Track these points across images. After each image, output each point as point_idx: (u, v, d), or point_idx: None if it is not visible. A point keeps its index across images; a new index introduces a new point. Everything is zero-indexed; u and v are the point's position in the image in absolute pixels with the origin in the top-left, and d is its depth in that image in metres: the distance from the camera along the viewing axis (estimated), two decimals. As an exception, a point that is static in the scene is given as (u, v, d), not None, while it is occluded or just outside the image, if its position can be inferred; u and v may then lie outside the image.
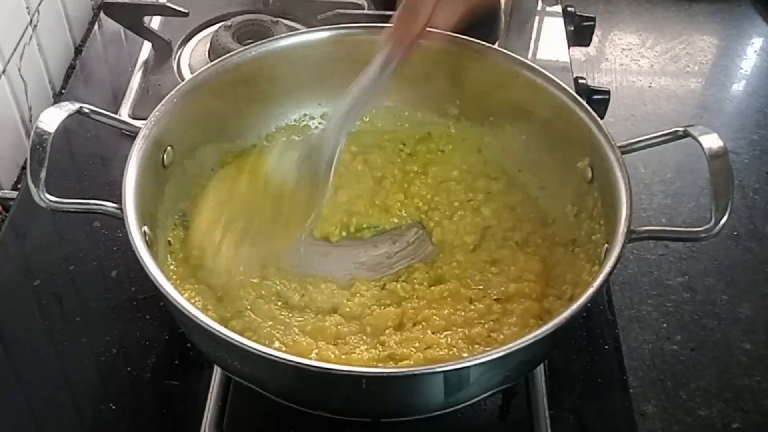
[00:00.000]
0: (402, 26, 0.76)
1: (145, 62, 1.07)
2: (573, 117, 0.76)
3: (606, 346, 0.79)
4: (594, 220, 0.74)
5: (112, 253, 0.84)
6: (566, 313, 0.59)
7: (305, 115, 0.89)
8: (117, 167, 0.69)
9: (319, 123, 0.89)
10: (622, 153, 0.71)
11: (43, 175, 0.65)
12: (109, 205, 0.67)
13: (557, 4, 1.22)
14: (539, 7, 1.23)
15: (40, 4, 1.07)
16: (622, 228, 0.65)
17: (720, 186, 0.65)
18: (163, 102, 0.74)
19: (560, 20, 1.19)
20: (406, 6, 0.76)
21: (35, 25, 1.06)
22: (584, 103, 0.77)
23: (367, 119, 0.90)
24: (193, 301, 0.71)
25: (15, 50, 1.01)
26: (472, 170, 0.87)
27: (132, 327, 0.78)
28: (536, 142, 0.83)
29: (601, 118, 1.03)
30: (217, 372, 0.73)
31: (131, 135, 0.72)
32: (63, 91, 1.11)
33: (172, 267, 0.75)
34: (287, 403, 0.65)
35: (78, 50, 1.18)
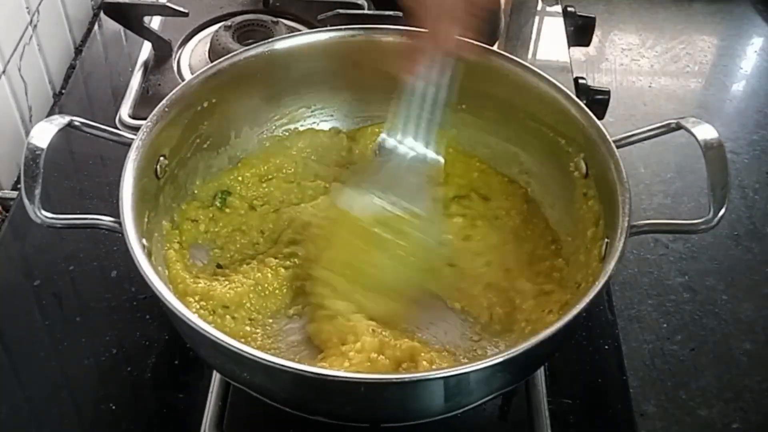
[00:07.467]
0: (435, 34, 0.70)
1: (145, 62, 1.07)
2: (565, 113, 0.76)
3: (606, 346, 0.79)
4: (590, 215, 0.74)
5: (112, 253, 0.84)
6: (575, 309, 0.59)
7: (304, 115, 0.89)
8: (116, 167, 0.68)
9: (321, 127, 0.89)
10: (617, 147, 0.71)
11: (38, 191, 0.64)
12: (106, 219, 0.66)
13: (557, 4, 1.23)
14: (539, 7, 1.23)
15: (40, 4, 1.07)
16: (622, 221, 0.64)
17: (716, 176, 0.65)
18: (154, 112, 0.73)
19: (560, 20, 1.19)
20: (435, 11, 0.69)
21: (35, 25, 1.06)
22: (576, 98, 0.76)
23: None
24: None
25: (15, 50, 1.01)
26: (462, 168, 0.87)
27: (132, 327, 0.78)
28: (528, 139, 0.83)
29: (601, 118, 1.03)
30: (217, 372, 0.73)
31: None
32: (63, 91, 1.11)
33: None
34: (286, 409, 0.65)
35: (78, 50, 1.18)
